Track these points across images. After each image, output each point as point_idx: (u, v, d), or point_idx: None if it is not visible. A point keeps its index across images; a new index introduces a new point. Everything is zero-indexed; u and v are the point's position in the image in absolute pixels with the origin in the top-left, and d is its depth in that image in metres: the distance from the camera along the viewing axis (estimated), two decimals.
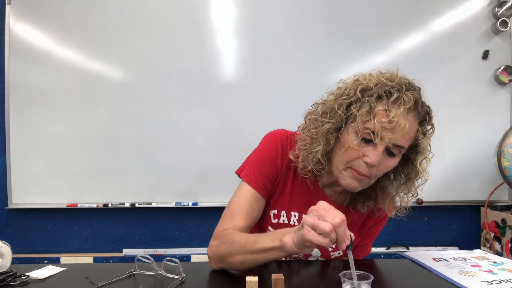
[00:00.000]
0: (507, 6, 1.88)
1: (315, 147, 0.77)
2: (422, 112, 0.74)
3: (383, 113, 0.70)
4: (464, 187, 1.95)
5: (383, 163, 0.74)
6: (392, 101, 0.70)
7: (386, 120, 0.69)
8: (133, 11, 1.83)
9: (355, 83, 0.76)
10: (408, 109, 0.70)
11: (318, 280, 0.79)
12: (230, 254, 0.75)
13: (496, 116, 1.94)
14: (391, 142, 0.71)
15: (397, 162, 0.76)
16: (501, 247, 1.76)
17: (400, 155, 0.76)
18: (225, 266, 0.78)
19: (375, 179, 0.78)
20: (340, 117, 0.75)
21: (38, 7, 1.80)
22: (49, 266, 0.79)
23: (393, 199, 0.83)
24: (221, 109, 1.87)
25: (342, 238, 0.60)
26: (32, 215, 1.89)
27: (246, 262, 0.74)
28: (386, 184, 0.82)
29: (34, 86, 1.81)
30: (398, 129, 0.69)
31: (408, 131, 0.71)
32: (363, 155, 0.72)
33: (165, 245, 1.94)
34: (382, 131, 0.70)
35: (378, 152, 0.71)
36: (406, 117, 0.70)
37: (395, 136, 0.70)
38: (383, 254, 1.99)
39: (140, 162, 1.85)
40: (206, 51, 1.85)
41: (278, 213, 0.88)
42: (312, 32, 1.88)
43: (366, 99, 0.72)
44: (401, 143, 0.72)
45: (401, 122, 0.69)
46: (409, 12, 1.91)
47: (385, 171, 0.76)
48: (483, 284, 0.70)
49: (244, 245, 0.73)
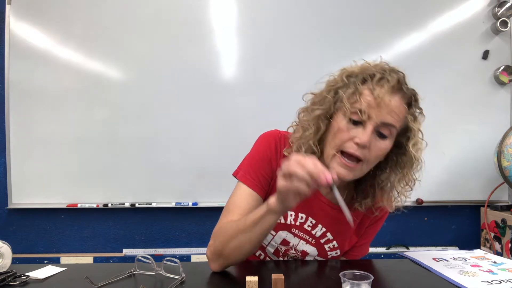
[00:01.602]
0: (507, 6, 1.88)
1: (307, 134, 0.79)
2: (408, 93, 0.75)
3: (368, 92, 0.72)
4: (464, 187, 1.95)
5: (374, 145, 0.74)
6: (376, 81, 0.73)
7: (371, 98, 0.71)
8: (133, 11, 1.83)
9: (341, 71, 0.80)
10: (392, 88, 0.72)
11: (318, 280, 0.79)
12: (226, 243, 0.75)
13: (496, 116, 1.94)
14: (378, 119, 0.72)
15: (389, 145, 0.75)
16: (501, 247, 1.76)
17: (391, 137, 0.75)
18: (224, 262, 0.77)
19: (370, 165, 0.77)
20: (329, 103, 0.78)
21: (38, 7, 1.80)
22: (49, 266, 0.79)
23: (391, 192, 0.82)
24: (221, 109, 1.87)
25: (316, 172, 0.61)
26: (32, 215, 1.89)
27: (242, 246, 0.74)
28: (383, 178, 0.81)
29: (34, 86, 1.81)
30: (384, 106, 0.71)
31: (395, 110, 0.72)
32: (353, 136, 0.73)
33: (165, 245, 1.94)
34: (369, 110, 0.71)
35: (367, 132, 0.72)
36: (390, 95, 0.72)
37: (381, 113, 0.71)
38: (383, 254, 1.99)
39: (140, 162, 1.85)
40: (206, 51, 1.86)
41: None
42: (312, 32, 1.88)
43: (352, 81, 0.75)
44: (389, 121, 0.72)
45: (386, 99, 0.71)
46: (409, 12, 1.91)
47: (378, 155, 0.75)
48: (483, 284, 0.70)
49: (236, 228, 0.75)
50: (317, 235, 0.89)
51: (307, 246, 0.89)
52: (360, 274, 0.62)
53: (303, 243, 0.89)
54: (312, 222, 0.88)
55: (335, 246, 0.90)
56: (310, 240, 0.89)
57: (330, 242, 0.90)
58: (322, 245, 0.90)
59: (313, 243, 0.89)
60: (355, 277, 0.63)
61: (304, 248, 0.90)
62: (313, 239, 0.89)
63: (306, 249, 0.90)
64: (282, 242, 0.89)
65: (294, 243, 0.89)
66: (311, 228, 0.88)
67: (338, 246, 0.90)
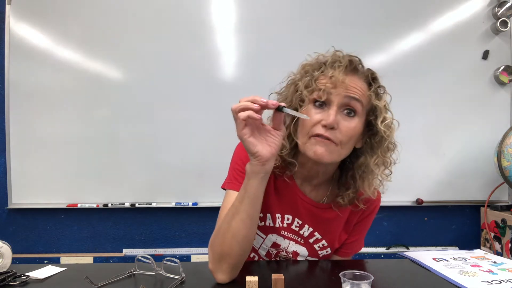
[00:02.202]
0: (507, 6, 1.88)
1: None
2: (364, 72, 0.78)
3: (323, 76, 0.76)
4: (464, 187, 1.95)
5: (343, 124, 0.74)
6: (328, 65, 0.77)
7: (326, 80, 0.75)
8: (133, 11, 1.83)
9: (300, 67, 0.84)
10: (345, 68, 0.75)
11: (318, 280, 0.79)
12: (222, 241, 0.72)
13: (496, 116, 1.94)
14: (339, 97, 0.74)
15: (358, 123, 0.76)
16: (501, 247, 1.76)
17: (359, 115, 0.76)
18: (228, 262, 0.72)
19: (345, 147, 0.76)
20: (291, 96, 0.81)
21: (38, 7, 1.80)
22: (49, 266, 0.79)
23: (372, 178, 0.81)
24: (221, 109, 1.86)
25: (254, 97, 0.70)
26: (32, 215, 1.89)
27: (237, 232, 0.71)
28: (360, 164, 0.81)
29: (34, 86, 1.81)
30: (340, 84, 0.74)
31: (353, 85, 0.74)
32: (320, 119, 0.75)
33: (165, 245, 1.94)
34: (328, 90, 0.74)
35: (332, 111, 0.73)
36: (345, 74, 0.75)
37: (339, 91, 0.74)
38: (383, 254, 1.99)
39: (140, 162, 1.85)
40: (206, 51, 1.85)
41: (264, 216, 0.88)
42: (312, 31, 1.88)
43: (308, 71, 0.80)
44: (350, 95, 0.74)
45: (339, 77, 0.73)
46: (409, 12, 1.91)
47: (349, 135, 0.75)
48: (483, 284, 0.70)
49: (226, 220, 0.73)
50: (305, 235, 0.89)
51: (297, 246, 0.89)
52: (360, 274, 0.63)
53: (293, 244, 0.89)
54: (298, 223, 0.88)
55: (324, 245, 0.90)
56: (299, 240, 0.89)
57: (319, 241, 0.89)
58: (312, 244, 0.90)
59: (302, 243, 0.89)
60: (355, 277, 0.63)
61: (294, 249, 0.90)
62: (302, 239, 0.89)
63: (296, 250, 0.90)
64: (273, 245, 0.90)
65: (285, 245, 0.89)
66: (299, 229, 0.88)
67: (328, 245, 0.90)
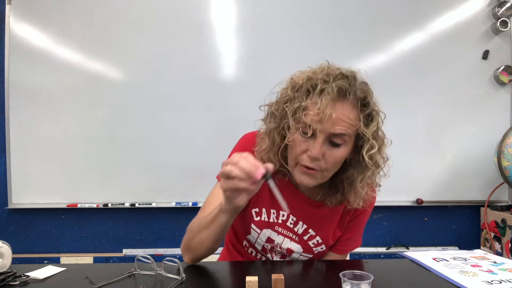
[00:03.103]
0: (507, 6, 1.88)
1: (263, 147, 0.82)
2: (355, 98, 0.73)
3: (311, 107, 0.72)
4: (464, 187, 1.95)
5: (328, 155, 0.74)
6: (316, 93, 0.72)
7: (314, 113, 0.71)
8: (133, 11, 1.83)
9: (289, 82, 0.80)
10: (333, 99, 0.71)
11: (318, 280, 0.79)
12: (191, 238, 0.81)
13: (496, 116, 1.94)
14: (324, 133, 0.72)
15: (345, 152, 0.75)
16: (501, 247, 1.76)
17: (347, 144, 0.75)
18: (192, 255, 0.81)
19: (330, 172, 0.77)
20: (279, 116, 0.78)
21: (38, 7, 1.81)
22: (49, 266, 0.79)
23: (358, 190, 0.80)
24: (221, 109, 1.87)
25: (248, 168, 0.64)
26: (32, 215, 1.89)
27: (203, 241, 0.79)
28: (349, 175, 0.81)
29: (34, 86, 1.81)
30: (326, 120, 0.70)
31: (341, 119, 0.71)
32: (306, 149, 0.74)
33: (165, 245, 1.94)
34: (314, 124, 0.71)
35: (317, 144, 0.72)
36: (333, 106, 0.71)
37: (326, 127, 0.71)
38: (383, 254, 1.99)
39: (140, 162, 1.85)
40: (206, 51, 1.86)
41: (260, 211, 0.89)
42: (312, 32, 1.88)
43: (296, 95, 0.75)
44: (336, 131, 0.72)
45: (327, 112, 0.70)
46: (409, 12, 1.91)
47: (335, 163, 0.75)
48: (483, 284, 0.70)
49: (199, 224, 0.80)
50: (299, 232, 0.89)
51: (292, 243, 0.90)
52: (360, 274, 0.62)
53: (287, 241, 0.89)
54: (293, 219, 0.88)
55: (319, 241, 0.90)
56: (294, 237, 0.89)
57: (313, 238, 0.90)
58: (306, 241, 0.90)
59: (297, 240, 0.90)
60: (355, 277, 0.63)
61: (289, 246, 0.90)
62: (296, 236, 0.89)
63: (291, 247, 0.90)
64: (267, 240, 0.90)
65: (279, 241, 0.89)
66: (293, 225, 0.89)
67: (323, 242, 0.90)
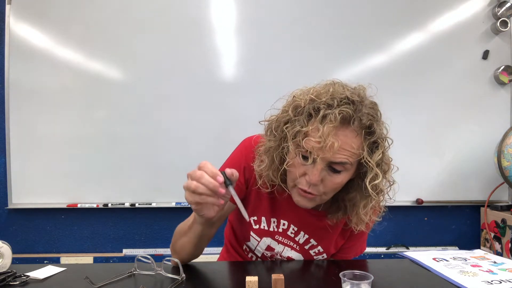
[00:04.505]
0: (507, 6, 1.88)
1: (261, 165, 0.78)
2: (360, 125, 0.67)
3: (312, 133, 0.67)
4: (464, 187, 1.95)
5: (328, 180, 0.71)
6: (319, 119, 0.67)
7: (315, 140, 0.66)
8: (133, 11, 1.83)
9: (291, 101, 0.75)
10: (336, 128, 0.66)
11: (318, 280, 0.79)
12: (175, 242, 0.82)
13: (496, 116, 1.94)
14: (324, 161, 0.68)
15: (346, 178, 0.72)
16: (501, 247, 1.76)
17: (349, 171, 0.71)
18: (178, 256, 0.80)
19: (329, 195, 0.75)
20: (279, 136, 0.74)
21: (38, 7, 1.80)
22: (49, 266, 0.79)
23: (361, 216, 0.76)
24: (221, 109, 1.87)
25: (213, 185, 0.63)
26: (32, 215, 1.89)
27: (185, 246, 0.80)
28: (351, 197, 0.77)
29: (34, 86, 1.81)
30: (327, 149, 0.66)
31: (343, 147, 0.67)
32: (304, 173, 0.71)
33: (165, 245, 1.94)
34: (314, 151, 0.67)
35: (316, 171, 0.69)
36: (335, 135, 0.66)
37: (326, 156, 0.67)
38: (383, 254, 1.99)
39: (140, 162, 1.85)
40: (206, 51, 1.85)
41: (259, 219, 0.87)
42: (312, 32, 1.88)
43: (297, 118, 0.70)
44: (337, 160, 0.68)
45: (329, 141, 0.65)
46: (409, 12, 1.91)
47: (334, 188, 0.72)
48: (483, 284, 0.70)
49: (181, 229, 0.82)
50: (301, 242, 0.87)
51: (292, 252, 0.88)
52: (360, 274, 0.62)
53: (288, 250, 0.88)
54: (294, 229, 0.86)
55: (320, 250, 0.88)
56: (295, 246, 0.88)
57: (315, 247, 0.88)
58: (307, 251, 0.88)
59: (298, 249, 0.88)
60: (355, 277, 0.63)
61: (289, 255, 0.88)
62: (297, 246, 0.88)
63: (291, 255, 0.89)
64: (267, 248, 0.88)
65: (279, 250, 0.88)
66: (294, 235, 0.87)
67: (324, 251, 0.89)
